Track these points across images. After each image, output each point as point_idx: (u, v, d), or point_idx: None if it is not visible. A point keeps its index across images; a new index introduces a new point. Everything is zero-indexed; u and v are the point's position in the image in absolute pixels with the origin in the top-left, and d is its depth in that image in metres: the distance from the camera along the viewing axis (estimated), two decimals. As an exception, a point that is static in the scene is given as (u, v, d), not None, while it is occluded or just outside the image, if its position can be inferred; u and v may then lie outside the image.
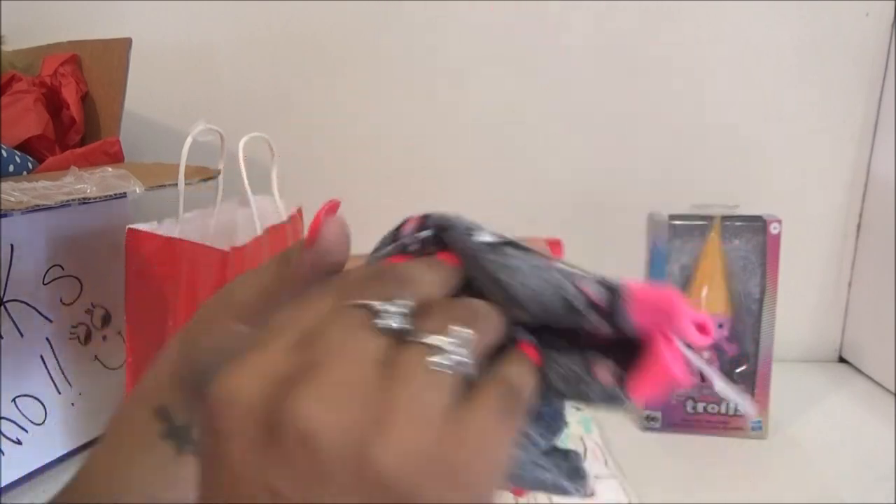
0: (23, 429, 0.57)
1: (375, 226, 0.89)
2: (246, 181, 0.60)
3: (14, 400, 0.56)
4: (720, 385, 0.25)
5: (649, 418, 0.64)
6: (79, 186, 0.52)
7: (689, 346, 0.23)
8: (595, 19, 0.78)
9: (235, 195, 0.64)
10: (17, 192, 0.48)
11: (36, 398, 0.58)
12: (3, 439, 0.55)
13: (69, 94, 0.73)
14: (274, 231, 0.60)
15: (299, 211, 0.66)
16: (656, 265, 0.63)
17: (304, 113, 0.83)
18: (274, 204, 0.64)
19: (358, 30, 0.80)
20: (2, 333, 0.54)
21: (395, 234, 0.27)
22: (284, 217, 0.63)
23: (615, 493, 0.53)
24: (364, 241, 0.85)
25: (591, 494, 0.27)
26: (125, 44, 0.72)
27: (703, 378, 0.64)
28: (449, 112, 0.82)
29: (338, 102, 0.82)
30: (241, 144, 0.59)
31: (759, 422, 0.63)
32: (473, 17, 0.79)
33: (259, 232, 0.58)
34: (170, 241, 0.52)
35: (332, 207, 0.25)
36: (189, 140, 0.52)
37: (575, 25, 0.78)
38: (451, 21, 0.79)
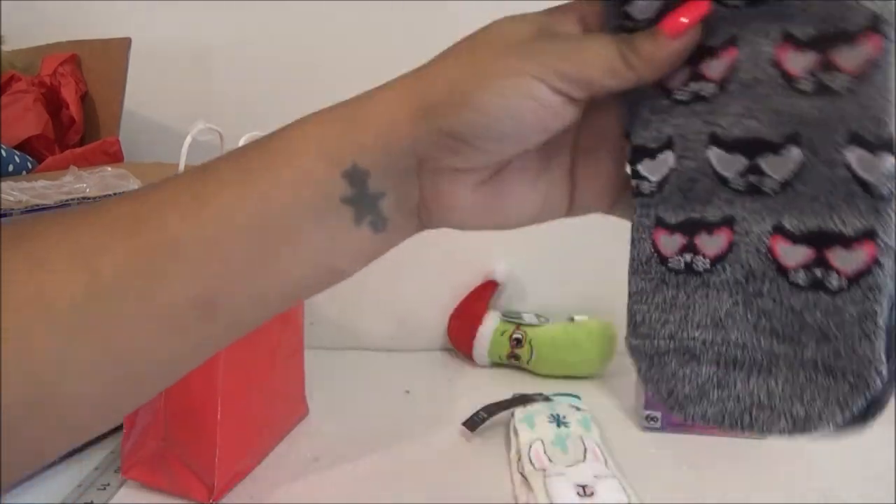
0: (22, 429, 0.57)
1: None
2: (246, 181, 0.60)
3: (13, 400, 0.56)
4: None
5: (649, 418, 0.64)
6: (78, 186, 0.52)
7: None
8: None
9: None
10: (16, 191, 0.48)
11: (35, 398, 0.58)
12: (3, 439, 0.55)
13: (69, 93, 0.73)
14: (274, 231, 0.60)
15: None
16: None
17: (304, 113, 0.83)
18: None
19: (358, 30, 0.80)
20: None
21: None
22: (284, 217, 0.63)
23: (615, 493, 0.53)
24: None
25: None
26: (125, 44, 0.72)
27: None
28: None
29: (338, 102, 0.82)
30: (240, 144, 0.59)
31: (759, 422, 0.63)
32: (474, 17, 0.79)
33: (259, 232, 0.58)
34: (169, 241, 0.52)
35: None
36: (188, 140, 0.52)
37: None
38: (452, 21, 0.79)
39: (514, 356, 0.80)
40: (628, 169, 0.27)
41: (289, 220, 0.25)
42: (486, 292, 0.84)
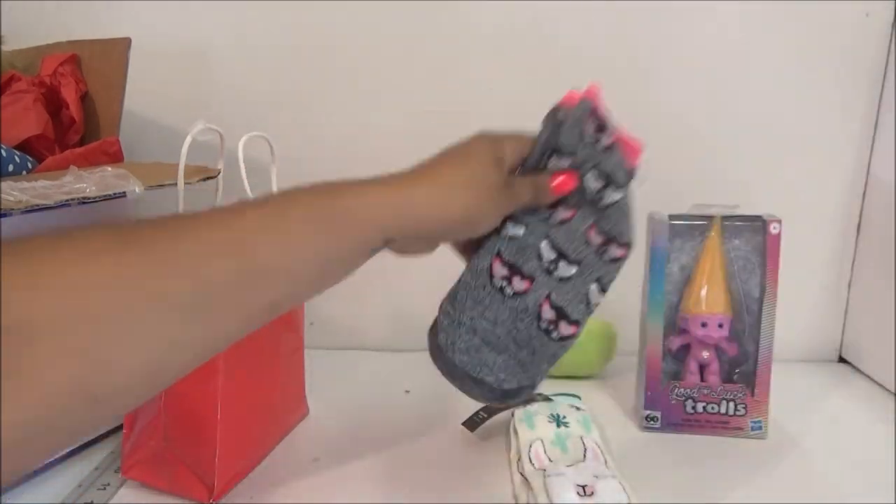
0: (22, 429, 0.57)
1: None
2: (246, 181, 0.60)
3: (13, 400, 0.56)
4: None
5: (649, 418, 0.64)
6: (78, 186, 0.52)
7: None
8: (596, 20, 0.78)
9: (235, 195, 0.64)
10: (16, 191, 0.48)
11: (35, 398, 0.58)
12: (3, 439, 0.55)
13: (69, 93, 0.73)
14: (274, 231, 0.60)
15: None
16: (656, 265, 0.63)
17: (304, 113, 0.83)
18: (274, 204, 0.64)
19: (358, 29, 0.80)
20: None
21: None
22: (284, 217, 0.63)
23: (615, 493, 0.53)
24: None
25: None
26: (125, 44, 0.72)
27: (702, 378, 0.64)
28: (449, 112, 0.82)
29: (338, 102, 0.82)
30: (240, 144, 0.59)
31: (760, 422, 0.63)
32: (474, 17, 0.79)
33: (259, 232, 0.58)
34: (169, 241, 0.52)
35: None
36: (188, 139, 0.52)
37: (575, 26, 0.78)
38: (452, 21, 0.79)
39: (514, 356, 0.80)
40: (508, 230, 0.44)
41: (343, 258, 0.38)
42: (486, 292, 0.84)
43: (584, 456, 0.58)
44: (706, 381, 0.64)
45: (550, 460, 0.56)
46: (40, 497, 0.55)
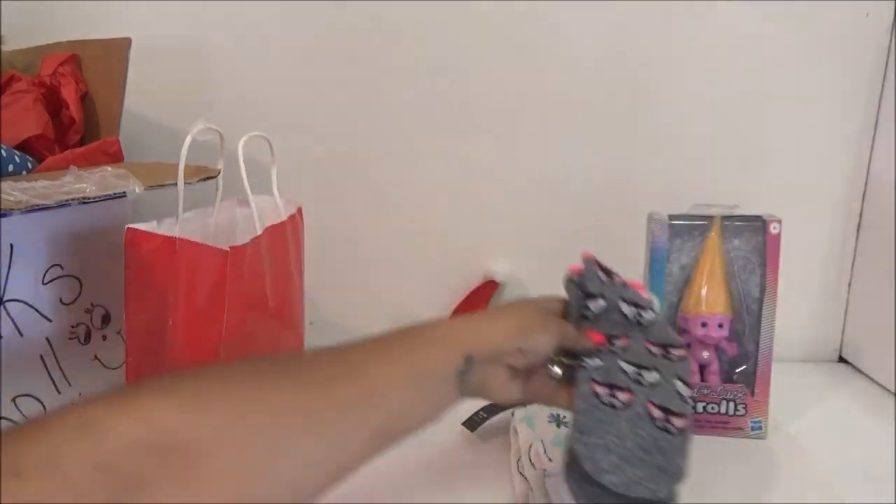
0: (22, 429, 0.57)
1: (375, 225, 0.90)
2: (246, 181, 0.60)
3: (14, 400, 0.56)
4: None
5: (649, 418, 0.64)
6: (78, 186, 0.52)
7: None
8: (596, 20, 0.78)
9: (235, 195, 0.64)
10: (16, 191, 0.48)
11: (36, 398, 0.58)
12: (3, 439, 0.55)
13: (69, 93, 0.73)
14: (274, 230, 0.60)
15: (299, 211, 0.66)
16: (656, 265, 0.63)
17: (304, 113, 0.83)
18: (274, 203, 0.64)
19: (358, 29, 0.80)
20: (2, 333, 0.54)
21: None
22: (284, 217, 0.63)
23: (615, 493, 0.53)
24: (364, 240, 0.86)
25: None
26: (125, 44, 0.72)
27: (702, 378, 0.64)
28: (449, 112, 0.82)
29: (338, 102, 0.82)
30: (240, 144, 0.59)
31: (760, 422, 0.63)
32: (475, 16, 0.79)
33: (259, 231, 0.58)
34: (169, 241, 0.52)
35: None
36: (188, 139, 0.52)
37: (576, 26, 0.78)
38: (453, 20, 0.79)
39: (514, 356, 0.80)
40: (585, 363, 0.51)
41: (433, 377, 0.43)
42: (486, 292, 0.84)
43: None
44: (706, 381, 0.64)
45: (550, 461, 0.56)
46: (40, 497, 0.55)
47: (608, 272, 0.53)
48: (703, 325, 0.63)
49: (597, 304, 0.51)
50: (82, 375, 0.62)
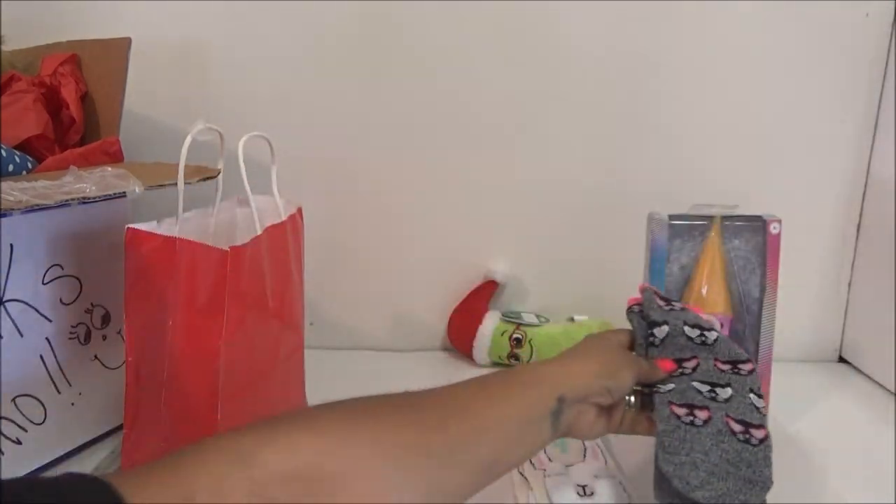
0: (22, 429, 0.57)
1: (375, 225, 0.90)
2: (246, 181, 0.60)
3: (14, 400, 0.56)
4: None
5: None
6: (78, 186, 0.52)
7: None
8: (597, 20, 0.78)
9: (235, 195, 0.64)
10: (16, 191, 0.48)
11: (36, 398, 0.58)
12: (3, 439, 0.55)
13: (69, 93, 0.73)
14: (274, 230, 0.60)
15: (299, 211, 0.66)
16: (656, 265, 0.63)
17: (304, 113, 0.83)
18: (274, 203, 0.64)
19: (358, 28, 0.80)
20: (2, 333, 0.54)
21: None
22: (284, 217, 0.63)
23: (615, 493, 0.53)
24: (364, 240, 0.86)
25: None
26: (125, 44, 0.72)
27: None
28: (450, 112, 0.82)
29: (338, 102, 0.82)
30: (240, 144, 0.59)
31: (760, 422, 0.63)
32: (476, 16, 0.79)
33: (259, 231, 0.58)
34: (169, 241, 0.52)
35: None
36: (188, 139, 0.52)
37: (578, 27, 0.78)
38: (453, 19, 0.79)
39: (514, 356, 0.80)
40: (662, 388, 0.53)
41: (529, 415, 0.45)
42: (486, 292, 0.84)
43: (584, 456, 0.58)
44: (706, 381, 0.64)
45: (550, 460, 0.56)
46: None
47: (666, 300, 0.56)
48: (703, 325, 0.63)
49: (661, 331, 0.53)
50: (82, 375, 0.62)
